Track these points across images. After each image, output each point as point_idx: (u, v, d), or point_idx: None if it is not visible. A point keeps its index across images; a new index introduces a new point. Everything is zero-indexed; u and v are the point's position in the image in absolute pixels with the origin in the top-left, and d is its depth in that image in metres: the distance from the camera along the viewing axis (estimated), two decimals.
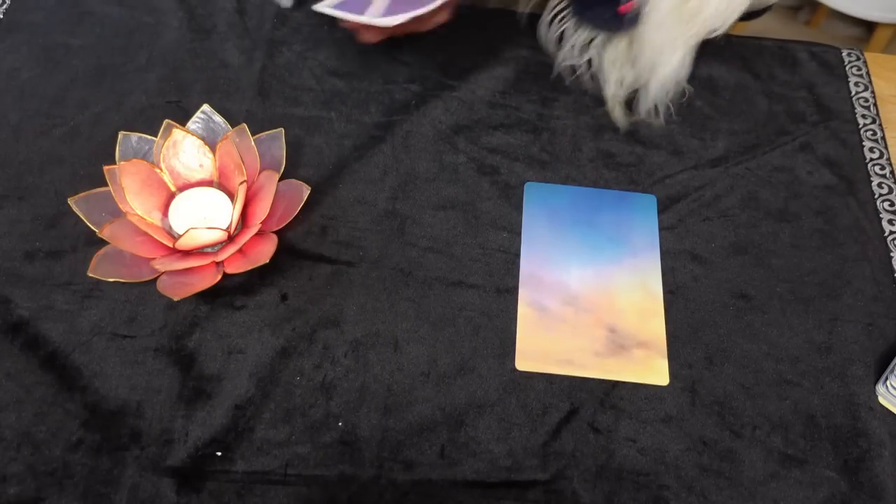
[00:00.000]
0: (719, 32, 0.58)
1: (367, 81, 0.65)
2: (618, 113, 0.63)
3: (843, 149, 0.63)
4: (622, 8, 0.58)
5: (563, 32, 0.63)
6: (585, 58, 0.63)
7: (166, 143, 0.55)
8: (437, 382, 0.50)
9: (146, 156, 0.56)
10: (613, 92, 0.63)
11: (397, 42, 0.67)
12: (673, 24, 0.56)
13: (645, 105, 0.63)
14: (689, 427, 0.50)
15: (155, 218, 0.54)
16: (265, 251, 0.52)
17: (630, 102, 0.64)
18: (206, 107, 0.58)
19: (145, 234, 0.53)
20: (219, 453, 0.47)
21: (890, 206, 0.60)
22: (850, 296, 0.55)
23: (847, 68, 0.69)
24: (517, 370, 0.51)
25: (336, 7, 0.58)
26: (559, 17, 0.63)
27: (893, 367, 0.50)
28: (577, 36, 0.62)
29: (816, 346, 0.53)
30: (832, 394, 0.51)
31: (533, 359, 0.52)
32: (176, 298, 0.50)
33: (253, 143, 0.56)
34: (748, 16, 0.70)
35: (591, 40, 0.62)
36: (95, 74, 0.64)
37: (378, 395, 0.50)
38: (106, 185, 0.54)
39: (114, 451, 0.47)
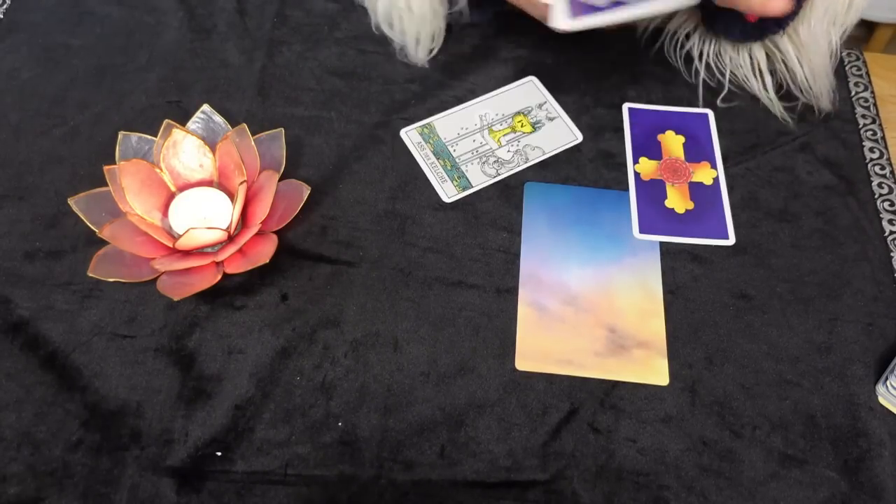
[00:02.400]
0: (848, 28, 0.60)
1: (367, 81, 0.65)
2: (778, 108, 0.64)
3: (843, 149, 0.63)
4: (749, 18, 0.59)
5: (689, 50, 0.65)
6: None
7: (166, 143, 0.55)
8: (437, 382, 0.50)
9: (146, 156, 0.56)
10: (767, 93, 0.64)
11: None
12: (823, 22, 0.58)
13: (806, 95, 0.63)
14: (689, 427, 0.50)
15: (155, 218, 0.54)
16: (265, 251, 0.52)
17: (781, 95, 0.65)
18: (206, 107, 0.58)
19: (145, 234, 0.53)
20: (219, 453, 0.47)
21: (890, 206, 0.60)
22: (850, 296, 0.55)
23: (847, 68, 0.69)
24: (517, 370, 0.51)
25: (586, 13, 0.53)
26: (686, 35, 0.65)
27: (893, 367, 0.50)
28: (711, 48, 0.64)
29: (816, 346, 0.53)
30: (832, 394, 0.51)
31: (533, 359, 0.52)
32: (176, 298, 0.50)
33: (253, 143, 0.56)
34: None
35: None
36: (95, 74, 0.64)
37: (378, 395, 0.50)
38: (106, 185, 0.54)
39: (114, 451, 0.47)
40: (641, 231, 0.57)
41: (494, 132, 0.62)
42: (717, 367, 0.52)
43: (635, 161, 0.61)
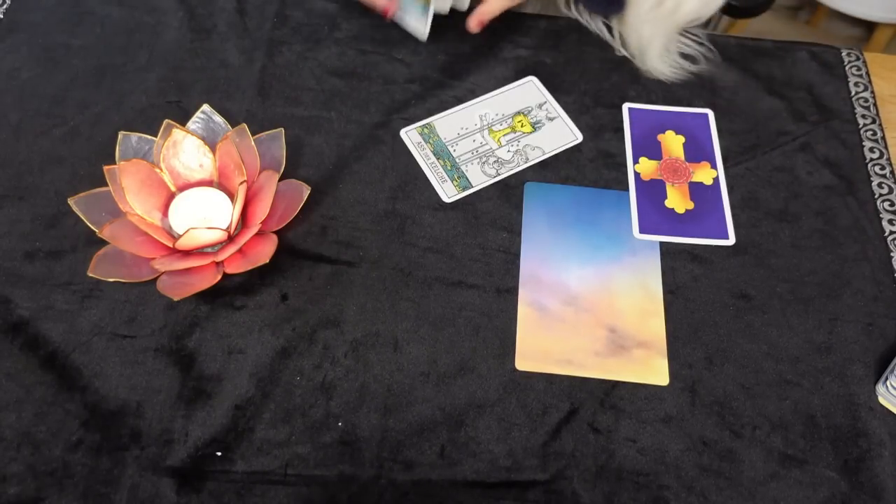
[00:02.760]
0: (699, 22, 0.65)
1: (367, 81, 0.65)
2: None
3: (843, 149, 0.63)
4: None
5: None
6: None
7: (166, 143, 0.55)
8: (437, 382, 0.50)
9: (146, 156, 0.56)
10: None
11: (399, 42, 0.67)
12: (653, 19, 0.64)
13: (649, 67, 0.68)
14: (689, 427, 0.50)
15: (155, 218, 0.54)
16: (265, 251, 0.52)
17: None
18: (206, 107, 0.58)
19: (145, 234, 0.53)
20: (219, 453, 0.47)
21: (890, 206, 0.60)
22: (850, 296, 0.55)
23: (847, 68, 0.69)
24: (517, 370, 0.51)
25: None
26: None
27: (893, 367, 0.50)
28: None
29: (816, 346, 0.53)
30: (832, 394, 0.51)
31: (533, 359, 0.52)
32: (176, 298, 0.50)
33: (253, 143, 0.56)
34: (746, 12, 0.74)
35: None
36: (95, 74, 0.64)
37: (378, 396, 0.50)
38: (106, 185, 0.54)
39: (114, 451, 0.47)
40: (642, 231, 0.57)
41: (494, 132, 0.62)
42: (717, 367, 0.52)
43: (635, 161, 0.61)
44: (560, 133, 0.62)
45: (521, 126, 0.63)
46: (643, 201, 0.59)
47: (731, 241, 0.57)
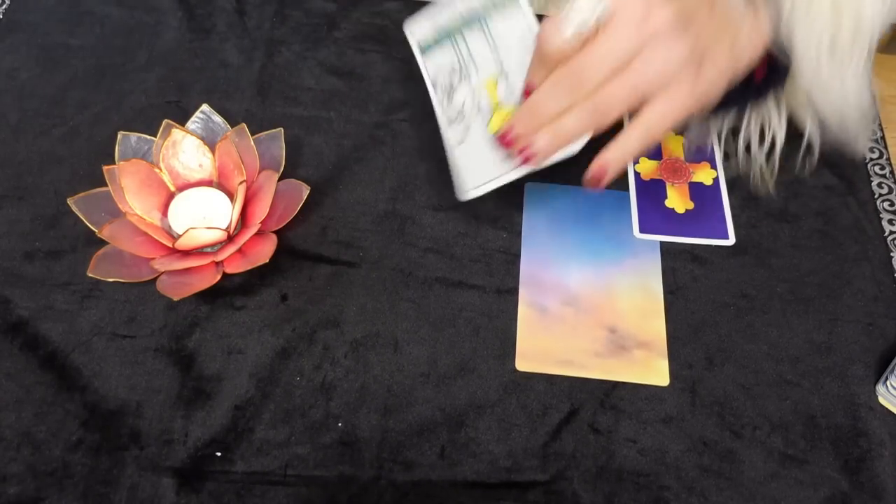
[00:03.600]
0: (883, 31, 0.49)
1: (366, 81, 0.65)
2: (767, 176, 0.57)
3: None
4: (758, 74, 0.50)
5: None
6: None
7: (166, 143, 0.55)
8: (437, 383, 0.50)
9: (146, 156, 0.56)
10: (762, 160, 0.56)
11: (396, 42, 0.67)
12: (830, 59, 0.48)
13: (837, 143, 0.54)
14: (689, 427, 0.50)
15: (154, 218, 0.54)
16: (265, 251, 0.52)
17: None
18: (205, 107, 0.58)
19: (145, 234, 0.53)
20: (218, 454, 0.47)
21: (890, 206, 0.60)
22: (851, 296, 0.55)
23: None
24: (517, 371, 0.51)
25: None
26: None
27: (894, 367, 0.50)
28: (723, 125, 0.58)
29: (816, 346, 0.53)
30: (832, 394, 0.51)
31: (533, 359, 0.52)
32: (176, 298, 0.50)
33: (252, 142, 0.56)
34: None
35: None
36: (95, 74, 0.64)
37: (378, 396, 0.50)
38: (105, 185, 0.53)
39: (114, 451, 0.47)
40: (642, 231, 0.57)
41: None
42: (717, 368, 0.52)
43: (635, 161, 0.61)
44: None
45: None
46: (643, 201, 0.59)
47: (731, 241, 0.57)
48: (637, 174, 0.60)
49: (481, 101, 0.47)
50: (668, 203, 0.59)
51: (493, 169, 0.46)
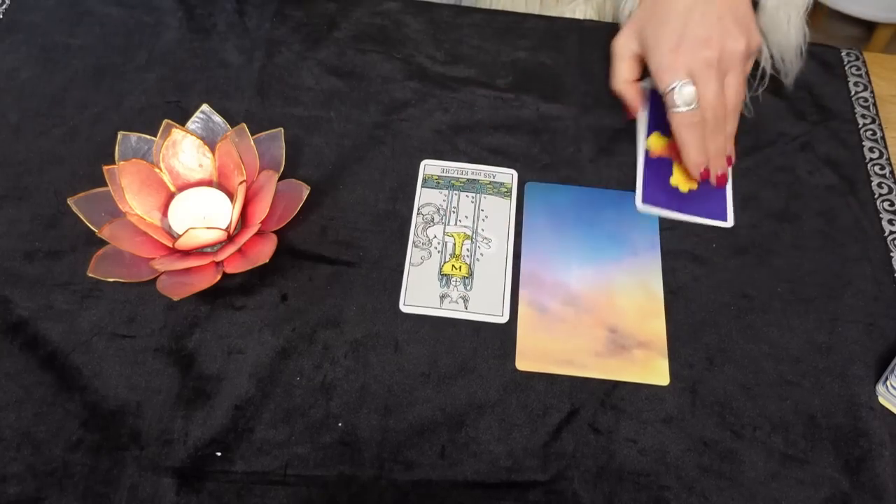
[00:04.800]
0: None
1: (366, 81, 0.65)
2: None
3: (843, 149, 0.63)
4: None
5: None
6: None
7: (165, 143, 0.55)
8: (437, 383, 0.50)
9: (146, 156, 0.56)
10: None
11: (397, 42, 0.67)
12: (779, 9, 0.63)
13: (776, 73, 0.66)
14: (689, 427, 0.50)
15: (154, 218, 0.54)
16: (265, 251, 0.52)
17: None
18: (205, 107, 0.58)
19: (145, 234, 0.53)
20: (218, 454, 0.47)
21: (890, 206, 0.60)
22: (851, 296, 0.55)
23: (846, 68, 0.69)
24: (517, 370, 0.51)
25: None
26: None
27: (894, 367, 0.50)
28: None
29: (817, 346, 0.53)
30: (833, 394, 0.51)
31: (533, 359, 0.52)
32: (176, 298, 0.50)
33: (252, 142, 0.56)
34: None
35: None
36: (95, 74, 0.64)
37: (378, 396, 0.50)
38: (105, 185, 0.53)
39: (114, 451, 0.47)
40: (644, 201, 0.58)
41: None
42: (717, 368, 0.52)
43: (648, 134, 0.62)
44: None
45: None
46: (650, 175, 0.59)
47: (730, 223, 0.58)
48: (647, 151, 0.61)
49: (447, 243, 0.56)
50: (673, 181, 0.59)
51: (431, 300, 0.54)
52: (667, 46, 0.56)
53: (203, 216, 0.54)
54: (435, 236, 0.57)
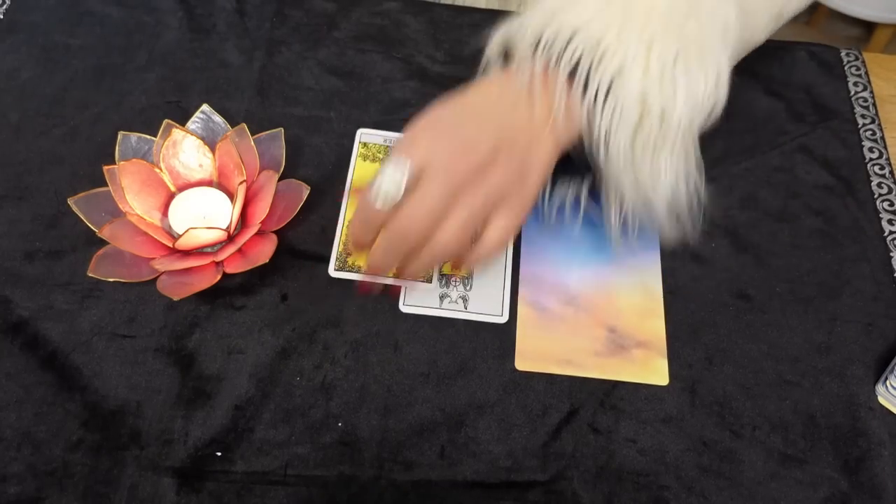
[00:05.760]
0: (715, 116, 0.49)
1: (366, 81, 0.65)
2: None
3: (843, 149, 0.63)
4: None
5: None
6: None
7: (166, 143, 0.55)
8: (437, 383, 0.50)
9: (146, 156, 0.56)
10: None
11: (396, 42, 0.67)
12: (639, 156, 0.47)
13: (665, 230, 0.51)
14: (689, 427, 0.50)
15: (155, 218, 0.54)
16: (265, 251, 0.52)
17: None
18: (205, 107, 0.58)
19: (145, 234, 0.53)
20: (218, 453, 0.47)
21: (889, 206, 0.60)
22: (850, 296, 0.55)
23: (846, 68, 0.69)
24: (517, 370, 0.51)
25: None
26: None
27: (893, 367, 0.50)
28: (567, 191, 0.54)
29: (816, 346, 0.53)
30: (832, 394, 0.51)
31: (533, 359, 0.52)
32: (176, 298, 0.51)
33: (252, 142, 0.56)
34: None
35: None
36: (95, 74, 0.64)
37: (378, 396, 0.50)
38: (106, 185, 0.54)
39: (114, 451, 0.47)
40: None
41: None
42: (716, 368, 0.52)
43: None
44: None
45: None
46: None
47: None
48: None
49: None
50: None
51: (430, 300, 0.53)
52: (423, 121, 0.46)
53: (203, 216, 0.54)
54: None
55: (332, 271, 0.54)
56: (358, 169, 0.57)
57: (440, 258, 0.47)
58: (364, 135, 0.58)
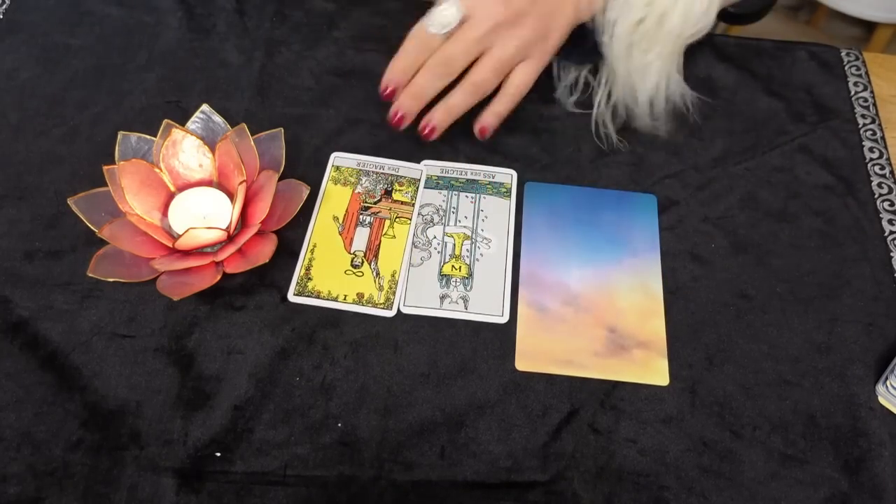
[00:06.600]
0: (699, 36, 0.59)
1: (366, 81, 0.65)
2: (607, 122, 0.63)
3: (843, 149, 0.63)
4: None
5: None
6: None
7: (165, 143, 0.55)
8: (437, 383, 0.50)
9: (146, 156, 0.56)
10: (599, 110, 0.63)
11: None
12: (635, 48, 0.58)
13: (642, 121, 0.62)
14: (689, 427, 0.50)
15: (154, 218, 0.54)
16: (265, 251, 0.52)
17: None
18: (205, 106, 0.58)
19: (145, 234, 0.53)
20: (218, 454, 0.47)
21: (890, 206, 0.60)
22: (850, 296, 0.55)
23: (846, 68, 0.69)
24: (517, 370, 0.51)
25: None
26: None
27: (893, 367, 0.50)
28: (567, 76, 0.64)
29: (816, 346, 0.53)
30: (832, 394, 0.51)
31: (533, 359, 0.52)
32: (175, 298, 0.50)
33: (252, 142, 0.56)
34: (743, 18, 0.71)
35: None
36: (95, 74, 0.64)
37: (378, 396, 0.50)
38: (105, 185, 0.53)
39: (113, 451, 0.47)
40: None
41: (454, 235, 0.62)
42: (717, 368, 0.52)
43: None
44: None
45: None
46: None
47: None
48: None
49: (447, 244, 0.56)
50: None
51: (431, 300, 0.54)
52: None
53: (203, 216, 0.54)
54: (435, 237, 0.57)
55: (292, 296, 0.53)
56: (328, 193, 0.58)
57: (475, 90, 0.56)
58: (337, 158, 0.60)
